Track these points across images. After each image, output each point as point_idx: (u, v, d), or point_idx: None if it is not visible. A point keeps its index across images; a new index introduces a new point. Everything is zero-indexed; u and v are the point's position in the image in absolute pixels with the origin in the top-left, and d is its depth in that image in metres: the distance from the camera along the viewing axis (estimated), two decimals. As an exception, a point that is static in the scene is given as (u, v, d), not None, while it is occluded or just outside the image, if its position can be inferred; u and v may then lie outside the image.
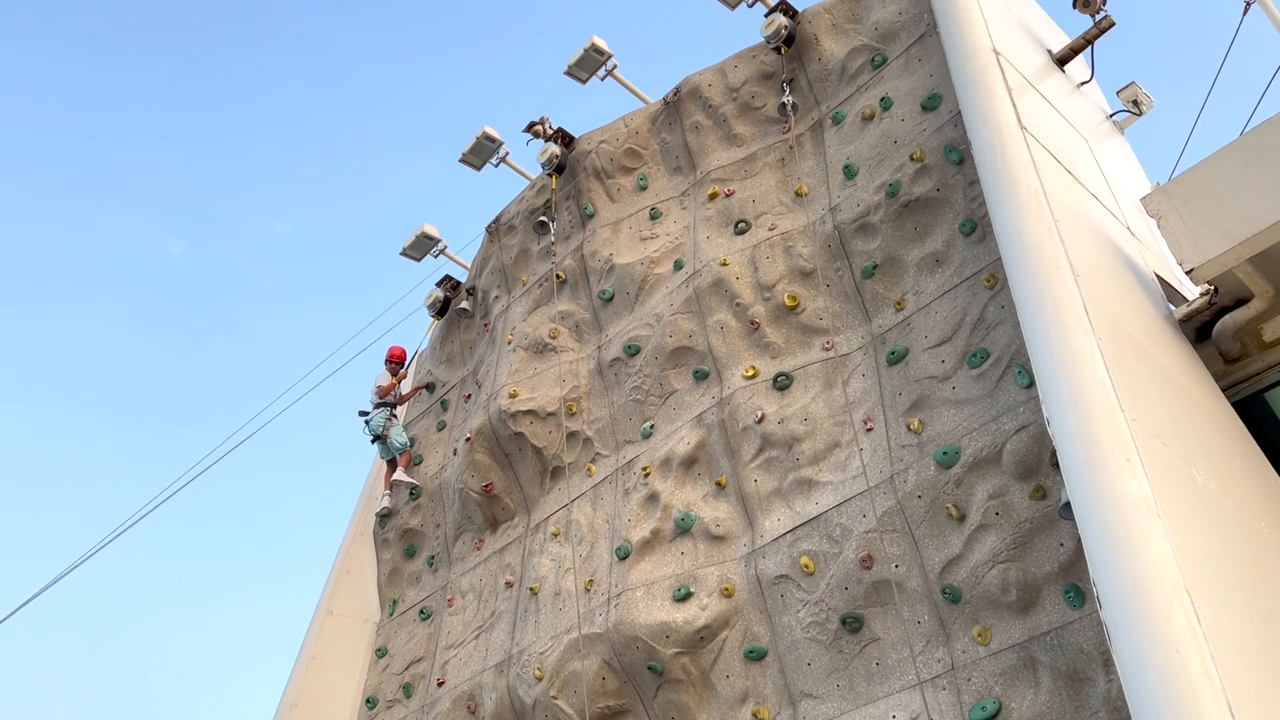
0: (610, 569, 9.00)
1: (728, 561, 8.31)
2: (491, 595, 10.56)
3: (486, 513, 11.15)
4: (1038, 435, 6.54)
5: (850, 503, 7.52)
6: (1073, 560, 6.14)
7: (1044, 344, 5.51)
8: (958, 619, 6.63)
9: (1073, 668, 5.91)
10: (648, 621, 8.25)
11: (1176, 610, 4.03)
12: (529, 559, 10.25)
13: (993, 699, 6.16)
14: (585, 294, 11.24)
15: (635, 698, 8.42)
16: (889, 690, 6.86)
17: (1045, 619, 6.20)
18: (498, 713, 9.42)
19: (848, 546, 7.36)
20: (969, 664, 6.44)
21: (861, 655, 7.16)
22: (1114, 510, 4.44)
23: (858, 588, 7.22)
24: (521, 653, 9.43)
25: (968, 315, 7.57)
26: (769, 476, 8.32)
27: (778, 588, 7.78)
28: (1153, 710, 3.85)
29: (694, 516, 8.69)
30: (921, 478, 7.08)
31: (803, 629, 7.51)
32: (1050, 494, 6.39)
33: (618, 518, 9.35)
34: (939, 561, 6.80)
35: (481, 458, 11.09)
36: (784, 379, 8.60)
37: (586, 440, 10.36)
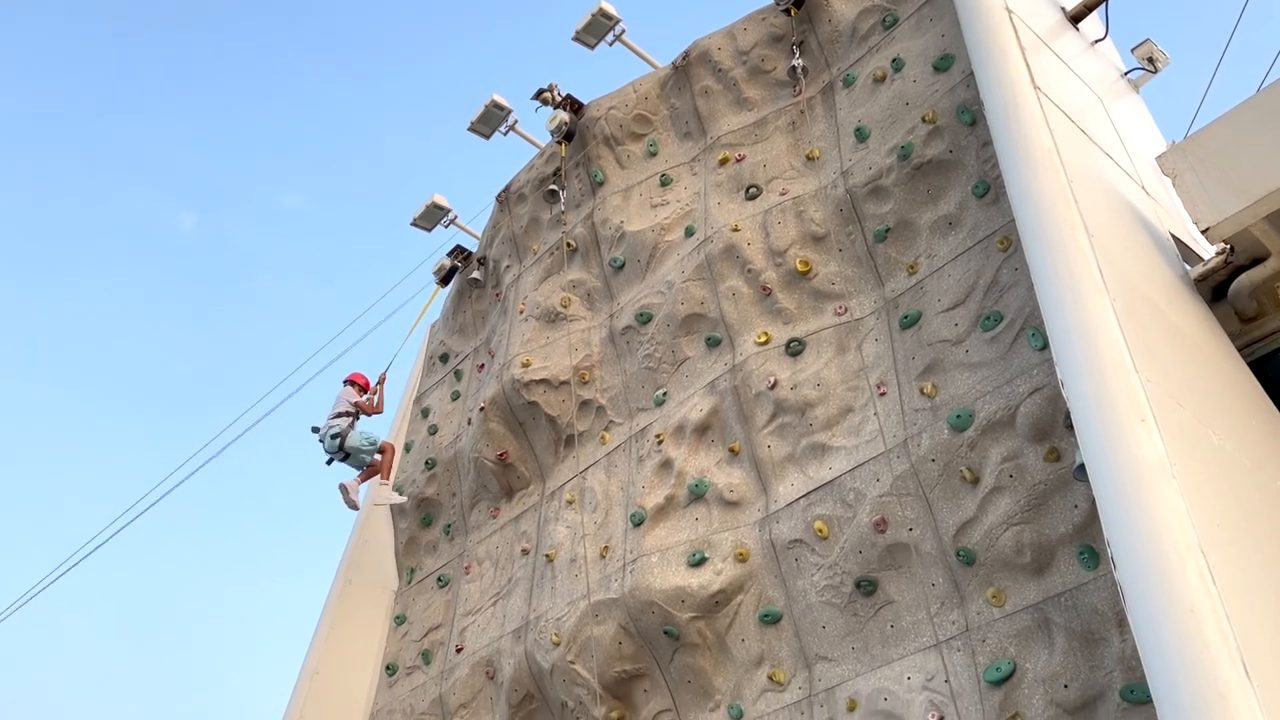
0: (625, 535, 9.06)
1: (742, 527, 8.35)
2: (508, 562, 10.64)
3: (502, 481, 11.22)
4: (1052, 398, 6.52)
5: (864, 467, 7.54)
6: (1087, 522, 6.14)
7: (1058, 306, 5.48)
8: (972, 581, 6.65)
9: (1087, 628, 5.94)
10: (663, 587, 8.31)
11: (1191, 570, 4.04)
12: (544, 526, 10.33)
13: (1007, 660, 6.19)
14: (596, 262, 11.22)
15: (651, 662, 8.50)
16: (904, 652, 6.90)
17: (1059, 580, 6.21)
18: (516, 677, 9.53)
19: (861, 510, 7.38)
20: (983, 625, 6.47)
21: (876, 618, 7.20)
22: (1128, 471, 4.43)
23: (872, 551, 7.25)
24: (539, 619, 9.52)
25: (981, 278, 7.53)
26: (782, 442, 8.33)
27: (792, 552, 7.82)
28: (1167, 669, 3.86)
29: (708, 483, 8.72)
30: (935, 441, 7.08)
31: (817, 593, 7.55)
32: (1064, 456, 6.39)
33: (632, 485, 9.39)
34: (953, 524, 6.82)
35: (495, 427, 11.14)
36: (796, 344, 8.59)
37: (600, 408, 10.39)
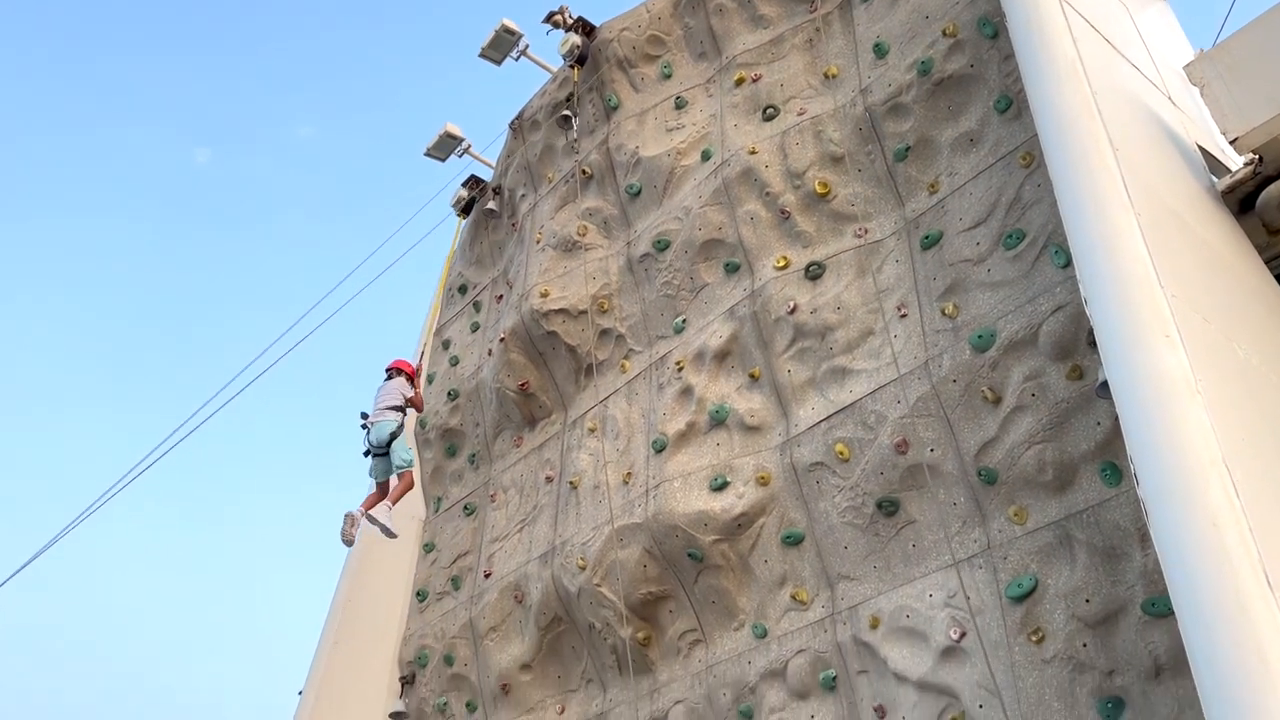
0: (647, 461, 9.14)
1: (763, 451, 8.40)
2: (533, 490, 10.78)
3: (524, 411, 11.30)
4: (1075, 315, 6.47)
5: (884, 389, 7.53)
6: (1109, 439, 6.14)
7: (1082, 221, 5.40)
8: (994, 500, 6.69)
9: (1109, 544, 5.97)
10: (686, 511, 8.41)
11: (1215, 484, 4.04)
12: (567, 454, 10.42)
13: (1029, 576, 6.25)
14: (612, 189, 11.12)
15: (676, 583, 8.64)
16: (926, 570, 6.98)
17: (1082, 497, 6.23)
18: (544, 601, 9.72)
19: (882, 432, 7.40)
20: (1005, 543, 6.52)
21: (898, 538, 7.27)
22: (1152, 387, 4.41)
23: (893, 472, 7.28)
24: (564, 544, 9.66)
25: (1003, 195, 7.42)
26: (802, 367, 8.33)
27: (813, 475, 7.87)
28: (1190, 583, 3.89)
29: (728, 408, 8.75)
30: (956, 362, 7.06)
31: (839, 514, 7.61)
32: (1087, 374, 6.36)
33: (653, 412, 9.44)
34: (974, 444, 6.83)
35: (516, 357, 11.18)
36: (816, 268, 8.53)
37: (619, 337, 10.40)
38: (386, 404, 10.19)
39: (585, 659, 9.57)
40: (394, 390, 10.31)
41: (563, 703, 9.70)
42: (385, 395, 10.28)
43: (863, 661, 7.17)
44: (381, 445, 9.92)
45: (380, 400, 10.25)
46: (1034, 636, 6.08)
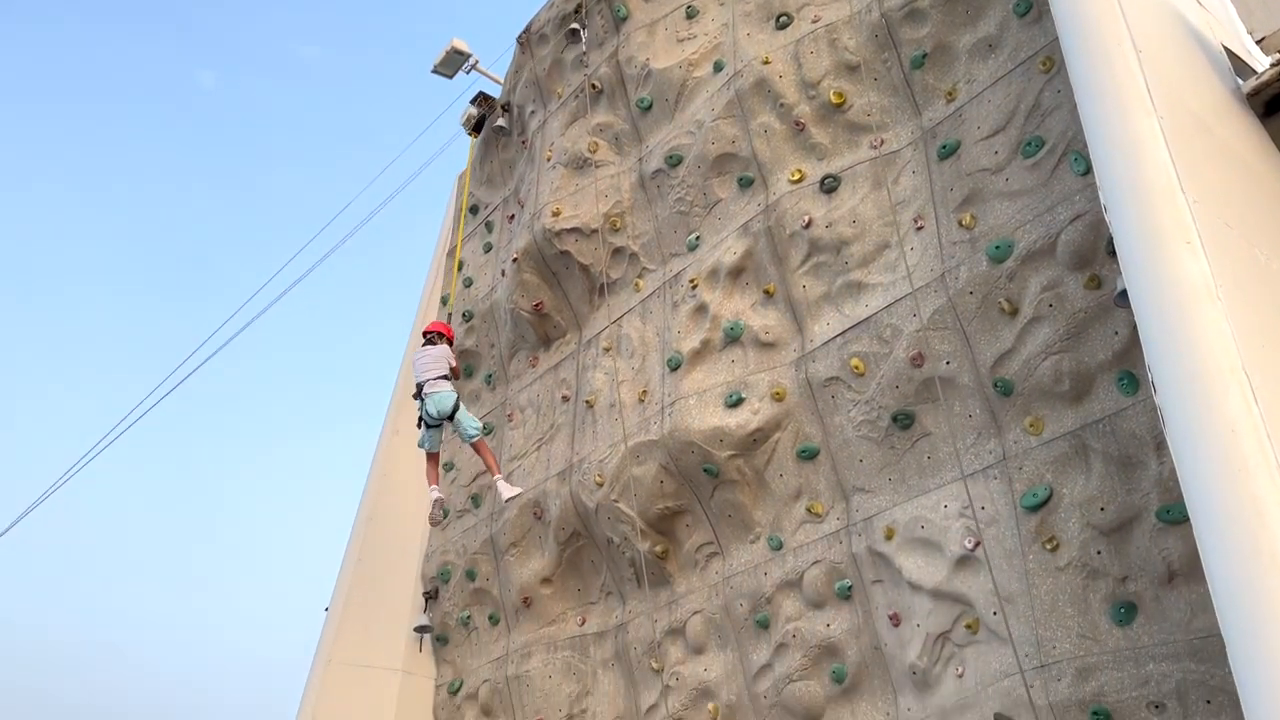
0: (663, 379, 9.17)
1: (778, 367, 8.41)
2: (549, 409, 10.85)
3: (538, 331, 11.31)
4: (1094, 224, 6.38)
5: (900, 303, 7.49)
6: (1127, 348, 6.11)
7: (1102, 127, 5.29)
8: (1009, 411, 6.69)
9: (1124, 453, 5.99)
10: (701, 427, 8.46)
11: (1234, 391, 4.02)
12: (583, 374, 10.46)
13: (1044, 486, 6.29)
14: (623, 103, 10.94)
15: (692, 498, 8.74)
16: (941, 482, 7.02)
17: (1098, 407, 6.23)
18: (563, 517, 9.86)
19: (898, 346, 7.38)
20: (1020, 454, 6.54)
21: (913, 450, 7.30)
22: (1172, 294, 4.37)
23: (908, 386, 7.28)
24: (581, 461, 9.76)
25: (1022, 102, 7.26)
26: (817, 282, 8.28)
27: (828, 389, 7.88)
28: (1205, 489, 3.90)
29: (743, 325, 8.73)
30: (973, 274, 7.00)
31: (854, 428, 7.65)
32: (1105, 283, 6.30)
33: (667, 330, 9.44)
34: (990, 356, 6.81)
35: (529, 277, 11.15)
36: (831, 181, 8.41)
37: (632, 255, 10.34)
38: (437, 373, 9.95)
39: (604, 572, 9.75)
40: (440, 358, 10.09)
41: (583, 614, 9.91)
42: (432, 364, 10.05)
43: (877, 571, 7.28)
44: (444, 417, 9.81)
45: (429, 369, 10.00)
46: (1048, 545, 6.14)
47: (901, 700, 6.99)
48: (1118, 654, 5.64)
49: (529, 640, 10.09)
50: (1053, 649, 5.88)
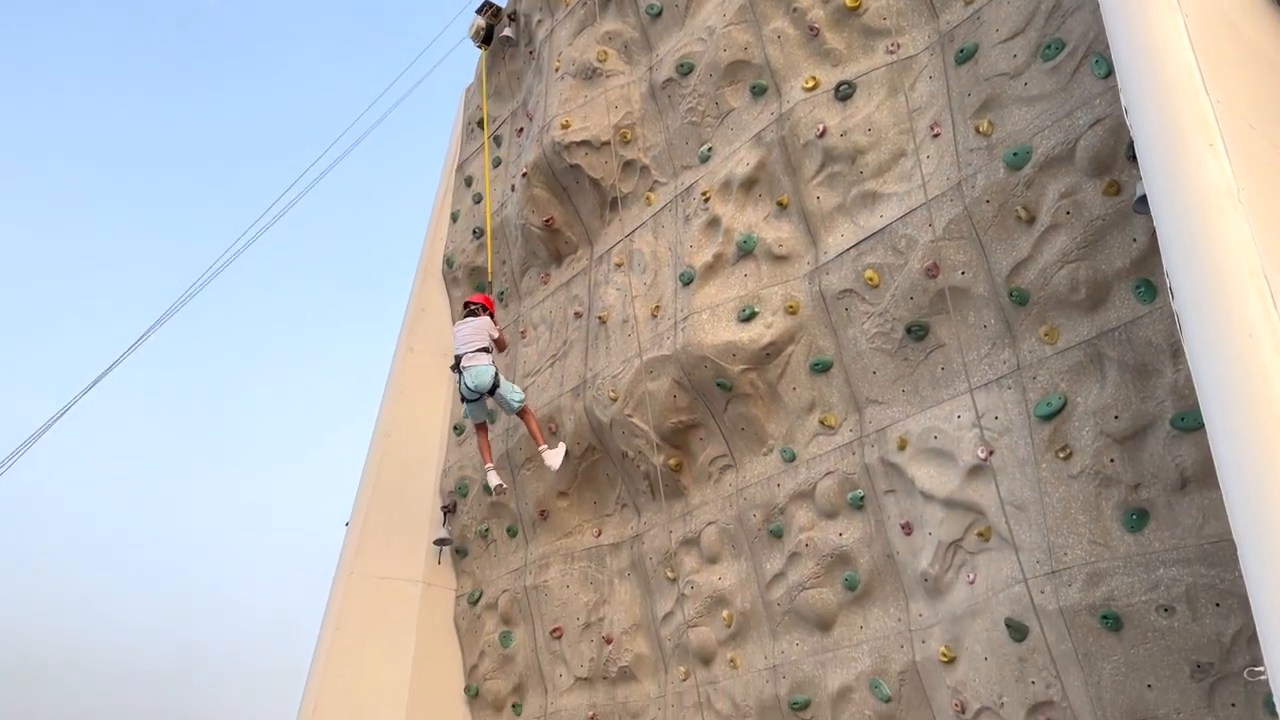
0: (675, 295, 9.13)
1: (791, 280, 8.36)
2: (562, 326, 10.85)
3: (550, 247, 11.25)
4: (1114, 128, 6.24)
5: (915, 213, 7.39)
6: (1145, 255, 6.03)
7: (1125, 27, 5.13)
8: (1025, 320, 6.65)
9: (1140, 360, 5.95)
10: (714, 342, 8.45)
11: (1253, 295, 3.97)
12: (595, 290, 10.43)
13: (1058, 395, 6.28)
14: (632, 10, 10.67)
15: (706, 412, 8.78)
16: (954, 393, 7.02)
17: (1114, 315, 6.18)
18: (577, 431, 9.94)
19: (913, 257, 7.31)
20: (1035, 363, 6.52)
21: (927, 361, 7.29)
22: (1192, 197, 4.29)
23: (923, 297, 7.23)
24: (595, 377, 9.80)
25: (1042, 3, 7.03)
26: (832, 192, 8.16)
27: (842, 302, 7.84)
28: (1222, 396, 3.88)
29: (756, 238, 8.66)
30: (990, 181, 6.88)
31: (868, 340, 7.62)
32: (1124, 188, 6.19)
33: (680, 244, 9.37)
34: (1006, 265, 6.74)
35: (539, 192, 11.05)
36: (846, 88, 8.23)
37: (644, 168, 10.21)
38: (476, 345, 9.71)
39: (619, 485, 9.86)
40: (481, 330, 9.83)
41: (599, 526, 10.06)
42: (473, 336, 9.79)
43: (890, 481, 7.33)
44: (482, 391, 9.62)
45: (468, 342, 9.77)
46: (1061, 453, 6.15)
47: (913, 606, 7.10)
48: (1128, 560, 5.70)
49: (546, 552, 10.27)
50: (1064, 555, 5.93)
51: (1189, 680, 5.35)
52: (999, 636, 6.18)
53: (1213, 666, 5.29)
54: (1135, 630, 5.54)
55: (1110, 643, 5.62)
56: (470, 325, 9.91)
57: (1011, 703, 6.08)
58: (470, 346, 9.73)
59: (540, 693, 10.09)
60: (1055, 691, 5.85)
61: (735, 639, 8.36)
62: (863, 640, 7.35)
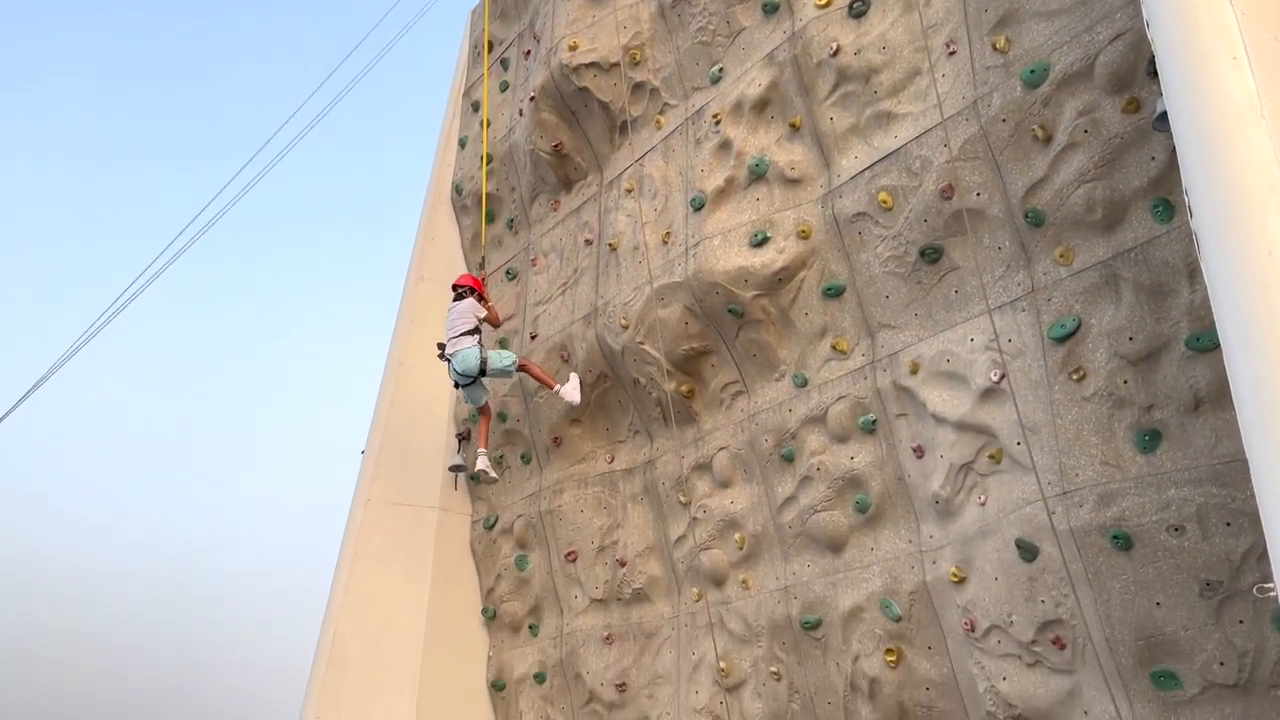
0: (686, 220, 9.06)
1: (804, 204, 8.27)
2: (573, 253, 10.80)
3: (559, 173, 11.14)
4: (1134, 43, 6.09)
5: (931, 133, 7.27)
6: (1164, 173, 5.93)
7: (1150, -65, 4.97)
8: (1040, 242, 6.58)
9: (1156, 281, 5.90)
10: (726, 268, 8.41)
11: (1273, 213, 3.91)
12: (605, 216, 10.36)
13: (1072, 316, 6.24)
14: (640, -73, 10.39)
15: (717, 339, 8.77)
16: (967, 315, 6.98)
17: (1131, 235, 6.10)
18: (589, 359, 9.96)
19: (927, 178, 7.21)
20: (1049, 285, 6.46)
21: (940, 284, 7.24)
22: (1214, 112, 4.19)
23: (937, 219, 7.15)
24: (606, 305, 9.78)
25: (1064, -88, 6.82)
26: (845, 113, 8.03)
27: (855, 225, 7.77)
28: (1239, 314, 3.84)
29: (768, 161, 8.55)
30: (1007, 100, 6.74)
31: (880, 263, 7.57)
32: (1144, 106, 6.06)
33: (690, 169, 9.26)
34: (1022, 186, 6.64)
35: (548, 117, 10.90)
36: (860, 5, 8.03)
37: (653, 91, 10.05)
38: (461, 329, 9.61)
39: (631, 412, 9.91)
40: (466, 313, 9.72)
41: (612, 453, 10.14)
42: (458, 320, 9.70)
43: (902, 405, 7.34)
44: (471, 376, 9.55)
45: (454, 327, 9.69)
46: (1075, 375, 6.13)
47: (924, 528, 7.16)
48: (1140, 480, 5.71)
49: (560, 478, 10.37)
50: (1075, 476, 5.96)
51: (1197, 598, 5.40)
52: (1009, 557, 6.24)
53: (1221, 585, 5.33)
54: (1145, 550, 5.59)
55: (1120, 562, 5.67)
56: (456, 310, 9.83)
57: (1021, 621, 6.17)
58: (455, 331, 9.66)
59: (556, 614, 10.28)
60: (1064, 610, 5.93)
61: (747, 561, 8.47)
62: (873, 561, 7.43)
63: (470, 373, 9.53)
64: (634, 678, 9.34)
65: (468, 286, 10.06)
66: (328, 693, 9.92)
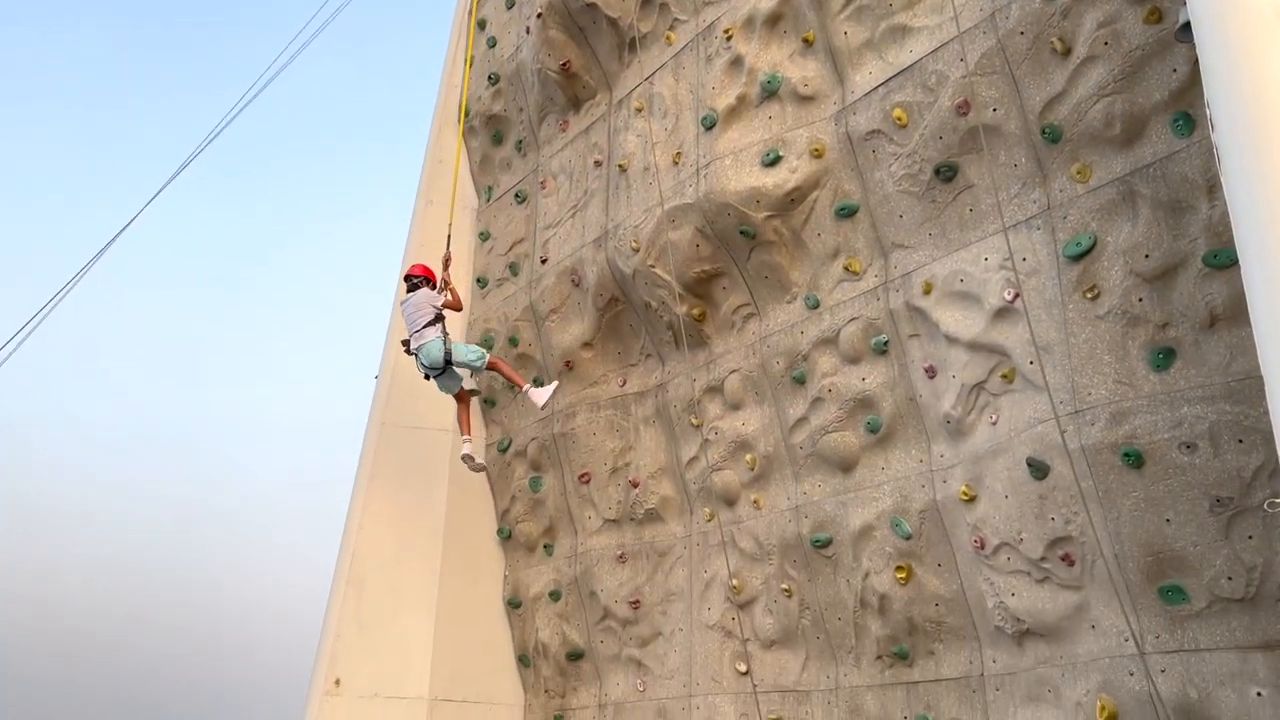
0: (697, 140, 8.94)
1: (817, 122, 8.14)
2: (582, 175, 10.70)
3: (567, 92, 10.97)
4: (1160, -50, 5.91)
5: (947, 47, 7.11)
6: (1185, 86, 5.80)
7: None
8: (1056, 158, 6.47)
9: (1174, 197, 5.81)
10: (737, 188, 8.32)
11: (1296, 125, 3.82)
12: (615, 137, 10.22)
13: (1088, 234, 6.16)
14: None
15: (729, 261, 8.72)
16: (982, 234, 6.92)
17: (1150, 150, 5.99)
18: (600, 283, 9.93)
19: (943, 94, 7.08)
20: (1065, 203, 6.38)
21: (955, 203, 7.15)
22: (1239, 22, 4.06)
23: (952, 136, 7.04)
24: (617, 227, 9.72)
25: None
26: (860, 27, 7.85)
27: (869, 143, 7.65)
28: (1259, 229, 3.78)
29: (781, 78, 8.39)
30: (1025, 11, 6.57)
31: (894, 182, 7.47)
32: (1166, 16, 5.89)
33: (701, 87, 9.10)
34: (1040, 101, 6.51)
35: (555, 34, 10.70)
36: (874, -87, 7.79)
37: (663, 5, 9.83)
38: (422, 321, 9.43)
39: (643, 336, 9.91)
40: (423, 304, 9.51)
41: (624, 376, 10.17)
42: (416, 313, 9.50)
43: (914, 326, 7.32)
44: (439, 367, 9.40)
45: (413, 320, 9.50)
46: (1089, 294, 6.09)
47: (935, 448, 7.20)
48: (1153, 398, 5.71)
49: (573, 401, 10.42)
50: (1088, 395, 5.95)
51: (1207, 514, 5.43)
52: (1020, 475, 6.28)
53: (1232, 501, 5.36)
54: (1156, 467, 5.61)
55: (1131, 479, 5.69)
56: (412, 301, 9.63)
57: (1030, 538, 6.23)
58: (417, 324, 9.48)
59: (570, 534, 10.43)
60: (1074, 527, 5.98)
61: (758, 481, 8.55)
62: (884, 481, 7.49)
63: (436, 365, 9.40)
64: (647, 595, 9.51)
65: (422, 276, 9.81)
66: (348, 611, 10.15)
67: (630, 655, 9.61)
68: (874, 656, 7.49)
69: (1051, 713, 6.11)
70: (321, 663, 9.96)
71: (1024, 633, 6.39)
